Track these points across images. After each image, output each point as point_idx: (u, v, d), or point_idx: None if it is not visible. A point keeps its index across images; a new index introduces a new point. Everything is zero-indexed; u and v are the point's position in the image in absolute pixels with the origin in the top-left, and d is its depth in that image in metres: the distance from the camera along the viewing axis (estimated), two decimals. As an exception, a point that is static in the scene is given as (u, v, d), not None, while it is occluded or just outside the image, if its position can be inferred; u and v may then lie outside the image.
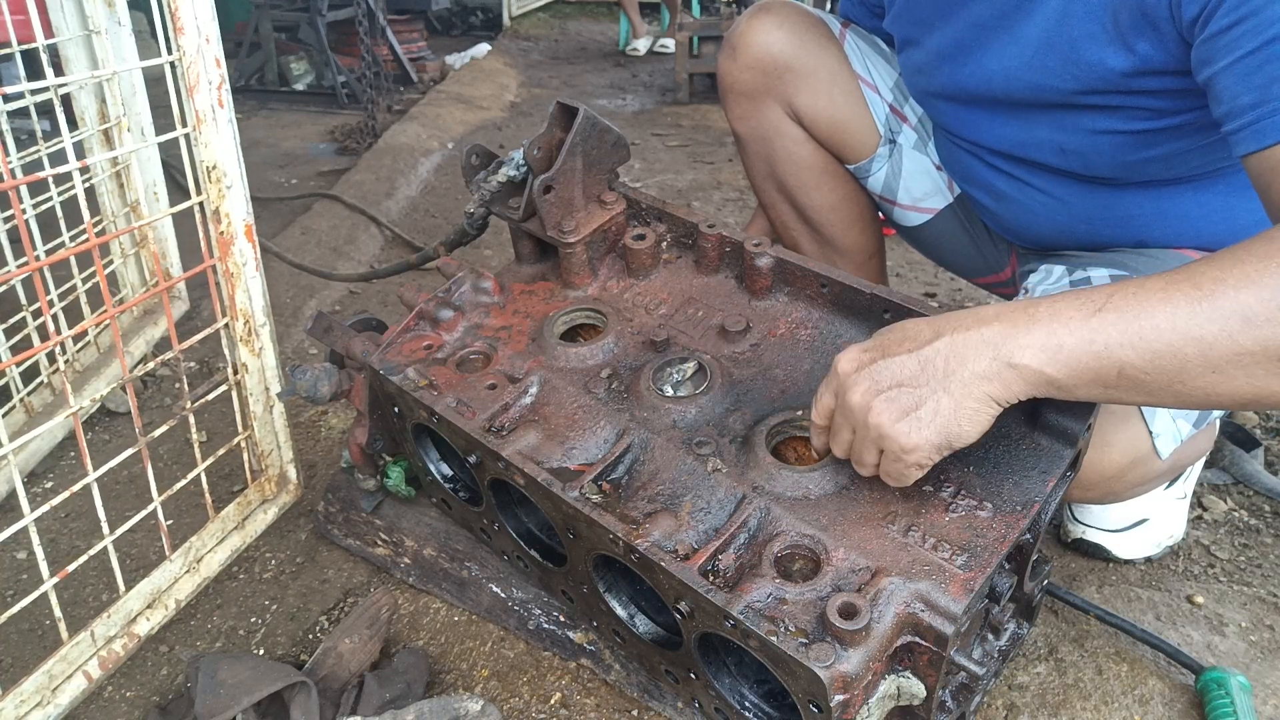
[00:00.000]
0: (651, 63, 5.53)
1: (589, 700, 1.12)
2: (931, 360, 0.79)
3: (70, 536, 1.41)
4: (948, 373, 0.79)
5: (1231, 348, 0.72)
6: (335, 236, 2.58)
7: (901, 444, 0.80)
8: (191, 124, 1.11)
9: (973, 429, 0.80)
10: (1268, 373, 0.73)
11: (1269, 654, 1.19)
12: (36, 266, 0.97)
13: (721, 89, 1.49)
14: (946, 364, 0.79)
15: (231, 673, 1.04)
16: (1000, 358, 0.77)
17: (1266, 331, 0.71)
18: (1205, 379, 0.74)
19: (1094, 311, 0.76)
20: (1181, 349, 0.73)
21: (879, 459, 0.84)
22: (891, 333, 0.84)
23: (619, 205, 1.21)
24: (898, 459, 0.82)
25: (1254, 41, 0.79)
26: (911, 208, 1.48)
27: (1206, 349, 0.73)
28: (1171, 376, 0.75)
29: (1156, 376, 0.75)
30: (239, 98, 4.29)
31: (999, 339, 0.78)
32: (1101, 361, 0.75)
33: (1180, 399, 0.77)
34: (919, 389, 0.80)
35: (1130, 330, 0.74)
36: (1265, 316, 0.71)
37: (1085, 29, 0.99)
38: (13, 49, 1.43)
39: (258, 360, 1.29)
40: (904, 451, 0.81)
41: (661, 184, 3.17)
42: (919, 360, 0.80)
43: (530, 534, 1.14)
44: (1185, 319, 0.73)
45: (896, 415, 0.80)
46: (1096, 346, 0.75)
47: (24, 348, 1.56)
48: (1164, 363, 0.74)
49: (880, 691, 0.80)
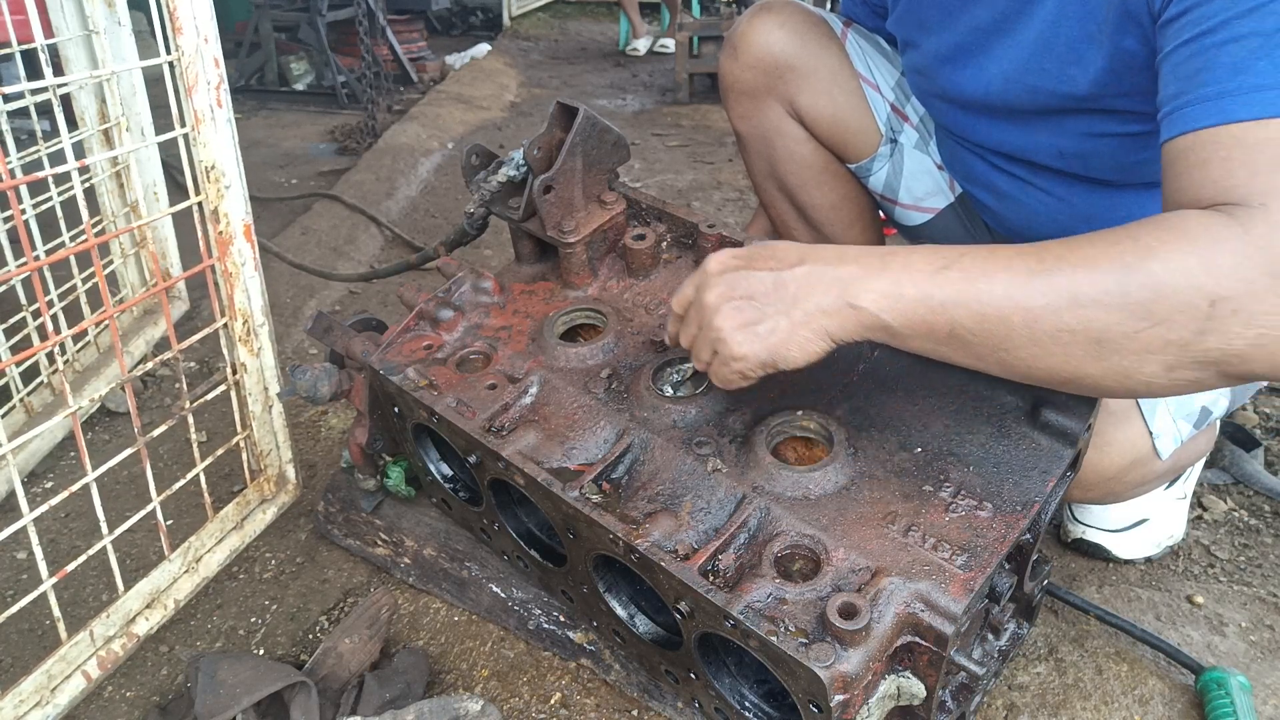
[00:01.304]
0: (651, 63, 5.53)
1: (589, 700, 1.12)
2: (786, 283, 0.84)
3: (70, 536, 1.41)
4: (795, 299, 0.83)
5: (1054, 323, 0.74)
6: (335, 236, 2.58)
7: (732, 351, 0.85)
8: (190, 124, 1.11)
9: (800, 355, 0.84)
10: (1085, 354, 0.74)
11: (1269, 654, 1.19)
12: (36, 266, 0.97)
13: (723, 88, 1.49)
14: (797, 290, 0.83)
15: (231, 673, 1.03)
16: (844, 296, 0.81)
17: (1089, 313, 0.73)
18: (1027, 350, 0.76)
19: (941, 268, 0.78)
20: (1009, 316, 0.75)
21: (712, 359, 0.89)
22: (765, 248, 0.88)
23: (619, 205, 1.21)
24: (726, 363, 0.87)
25: (1191, 32, 0.80)
26: (913, 207, 1.48)
27: (1032, 320, 0.75)
28: (997, 342, 0.77)
29: (984, 339, 0.77)
30: (239, 98, 4.29)
31: (849, 279, 0.81)
32: (936, 316, 0.78)
33: (1005, 367, 0.79)
34: (765, 306, 0.84)
35: (967, 291, 0.77)
36: (1091, 299, 0.73)
37: (1081, 29, 0.99)
38: (13, 49, 1.43)
39: (256, 360, 1.29)
40: (732, 358, 0.86)
41: (661, 184, 3.17)
42: (775, 280, 0.84)
43: (530, 534, 1.14)
44: (1018, 288, 0.75)
45: (737, 324, 0.85)
46: (933, 301, 0.78)
47: (24, 348, 1.56)
48: (991, 327, 0.76)
49: (880, 691, 0.80)
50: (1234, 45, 0.76)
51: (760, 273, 0.85)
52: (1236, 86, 0.74)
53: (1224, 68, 0.76)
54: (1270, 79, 0.73)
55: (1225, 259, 0.70)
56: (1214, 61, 0.77)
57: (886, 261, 0.81)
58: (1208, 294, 0.70)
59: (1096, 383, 0.77)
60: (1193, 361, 0.72)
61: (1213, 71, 0.76)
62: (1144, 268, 0.71)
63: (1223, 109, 0.75)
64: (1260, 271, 0.69)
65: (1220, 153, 0.74)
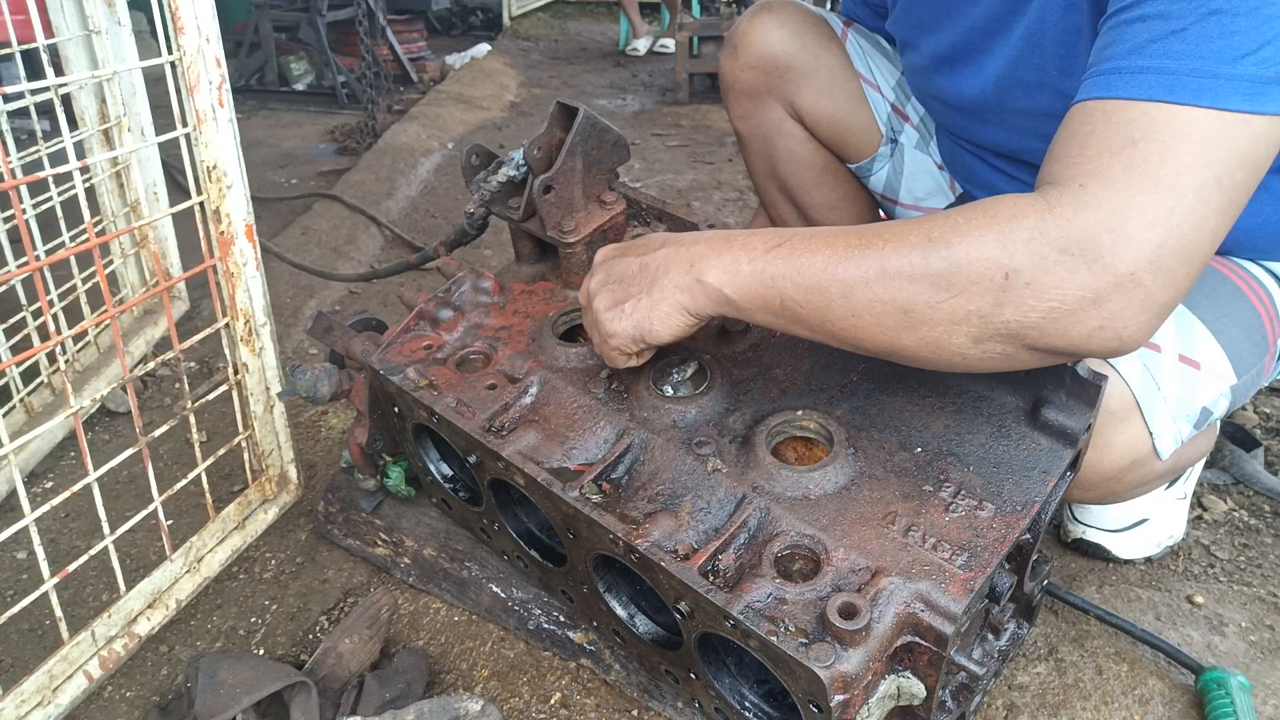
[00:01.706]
0: (651, 63, 5.53)
1: (589, 700, 1.12)
2: (648, 265, 0.91)
3: (70, 536, 1.41)
4: (655, 278, 0.90)
5: (867, 295, 0.78)
6: (335, 236, 2.58)
7: (604, 329, 0.93)
8: (192, 124, 1.11)
9: (664, 330, 0.90)
10: (896, 324, 0.78)
11: (1269, 654, 1.19)
12: (36, 266, 0.97)
13: (723, 88, 1.49)
14: (656, 271, 0.90)
15: (231, 673, 1.04)
16: (693, 274, 0.87)
17: (895, 284, 0.77)
18: (848, 321, 0.80)
19: (774, 245, 0.83)
20: (827, 288, 0.80)
21: (594, 337, 0.97)
22: (641, 239, 0.97)
23: (619, 205, 1.21)
24: (603, 341, 0.95)
25: (1114, 7, 0.81)
26: (913, 207, 1.48)
27: (847, 291, 0.79)
28: (822, 314, 0.81)
29: (810, 312, 0.82)
30: (239, 98, 4.29)
31: (698, 258, 0.87)
32: (768, 290, 0.83)
33: (834, 338, 0.83)
34: (629, 287, 0.92)
35: (792, 265, 0.81)
36: (898, 271, 0.76)
37: (1068, 21, 0.99)
38: (13, 49, 1.43)
39: (258, 360, 1.29)
40: (607, 335, 0.93)
41: (661, 184, 3.17)
42: (640, 264, 0.92)
43: (530, 534, 1.14)
44: (836, 262, 0.79)
45: (608, 305, 0.93)
46: (765, 276, 0.83)
47: (24, 348, 1.56)
48: (814, 299, 0.81)
49: (880, 691, 0.80)
50: (1139, 24, 0.77)
51: (629, 259, 0.93)
52: (1128, 65, 0.76)
53: (1124, 44, 0.77)
54: (1157, 63, 0.74)
55: (1021, 234, 0.73)
56: (1120, 37, 0.78)
57: (730, 241, 0.87)
58: (1001, 266, 0.73)
59: (914, 353, 0.80)
60: (996, 334, 0.76)
61: (1115, 47, 0.78)
62: (945, 240, 0.75)
63: (1108, 84, 0.77)
64: (1052, 247, 0.72)
65: (1085, 126, 0.77)
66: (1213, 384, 1.07)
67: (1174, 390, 1.05)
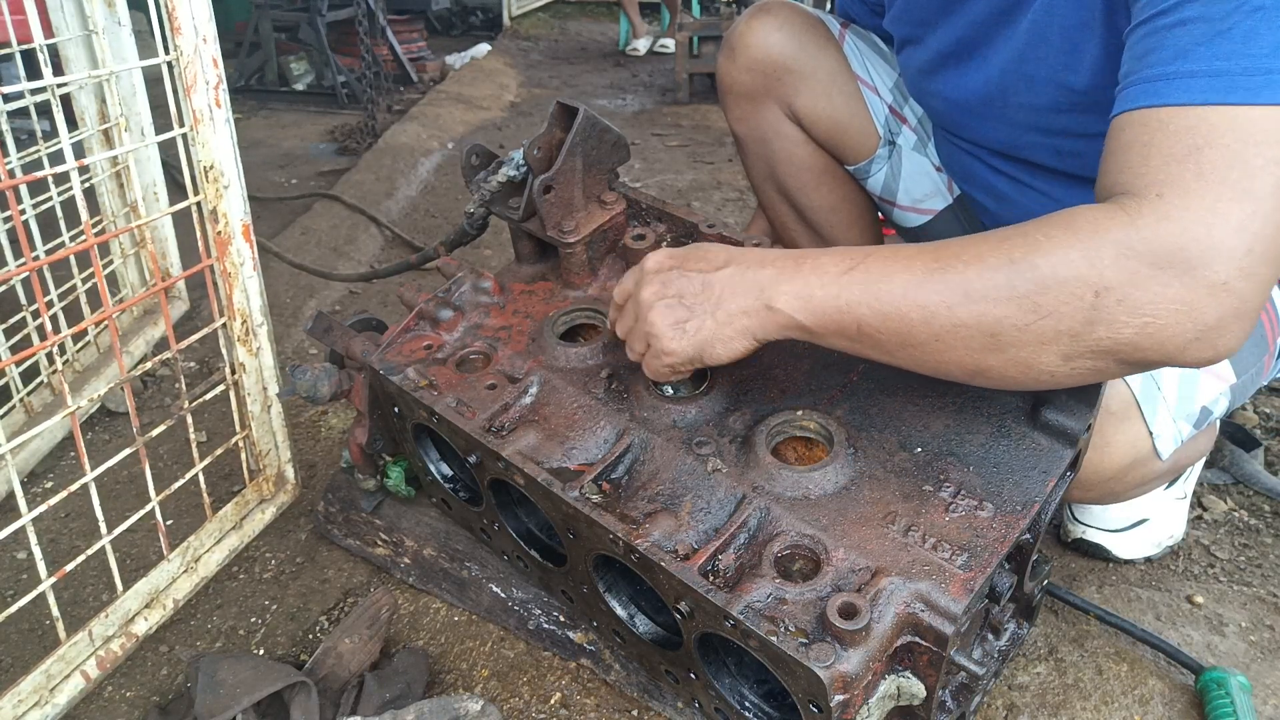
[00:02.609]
0: (651, 63, 5.53)
1: (589, 700, 1.12)
2: (712, 285, 0.89)
3: (69, 536, 1.41)
4: (720, 300, 0.88)
5: (950, 319, 0.76)
6: (335, 236, 2.58)
7: (664, 346, 0.90)
8: (189, 124, 1.11)
9: (725, 353, 0.89)
10: (983, 347, 0.76)
11: (1269, 654, 1.19)
12: (36, 266, 0.97)
13: (721, 90, 1.49)
14: (721, 292, 0.88)
15: (231, 673, 1.03)
16: (762, 299, 0.85)
17: (981, 308, 0.75)
18: (930, 345, 0.79)
19: (847, 269, 0.82)
20: (908, 314, 0.78)
21: (645, 351, 0.94)
22: (697, 249, 0.93)
23: (619, 205, 1.21)
24: (657, 357, 0.92)
25: (1147, 12, 0.80)
26: (911, 209, 1.48)
27: (929, 316, 0.77)
28: (901, 339, 0.80)
29: (889, 337, 0.80)
30: (239, 98, 4.29)
31: (767, 282, 0.85)
32: (844, 316, 0.81)
33: (915, 362, 0.82)
34: (693, 307, 0.89)
35: (869, 291, 0.80)
36: (982, 294, 0.75)
37: (1075, 16, 0.98)
38: (12, 49, 1.43)
39: (255, 360, 1.29)
40: (664, 353, 0.91)
41: (661, 184, 3.17)
42: (703, 282, 0.89)
43: (530, 534, 1.14)
44: (915, 286, 0.78)
45: (669, 322, 0.90)
46: (840, 301, 0.81)
47: (24, 348, 1.56)
48: (893, 325, 0.79)
49: (880, 691, 0.80)
50: (1181, 29, 0.76)
51: (691, 274, 0.90)
52: (1175, 70, 0.75)
53: (1168, 50, 0.76)
54: (1206, 66, 0.73)
55: (1108, 250, 0.72)
56: (1160, 43, 0.77)
57: (800, 264, 0.85)
58: (1091, 285, 0.72)
59: (1000, 374, 0.79)
60: (1087, 351, 0.74)
61: (1158, 53, 0.77)
62: (1029, 261, 0.74)
63: (1157, 91, 0.76)
64: (1141, 261, 0.71)
65: (1143, 136, 0.76)
66: (1212, 383, 1.07)
67: (1173, 390, 1.05)
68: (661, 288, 0.91)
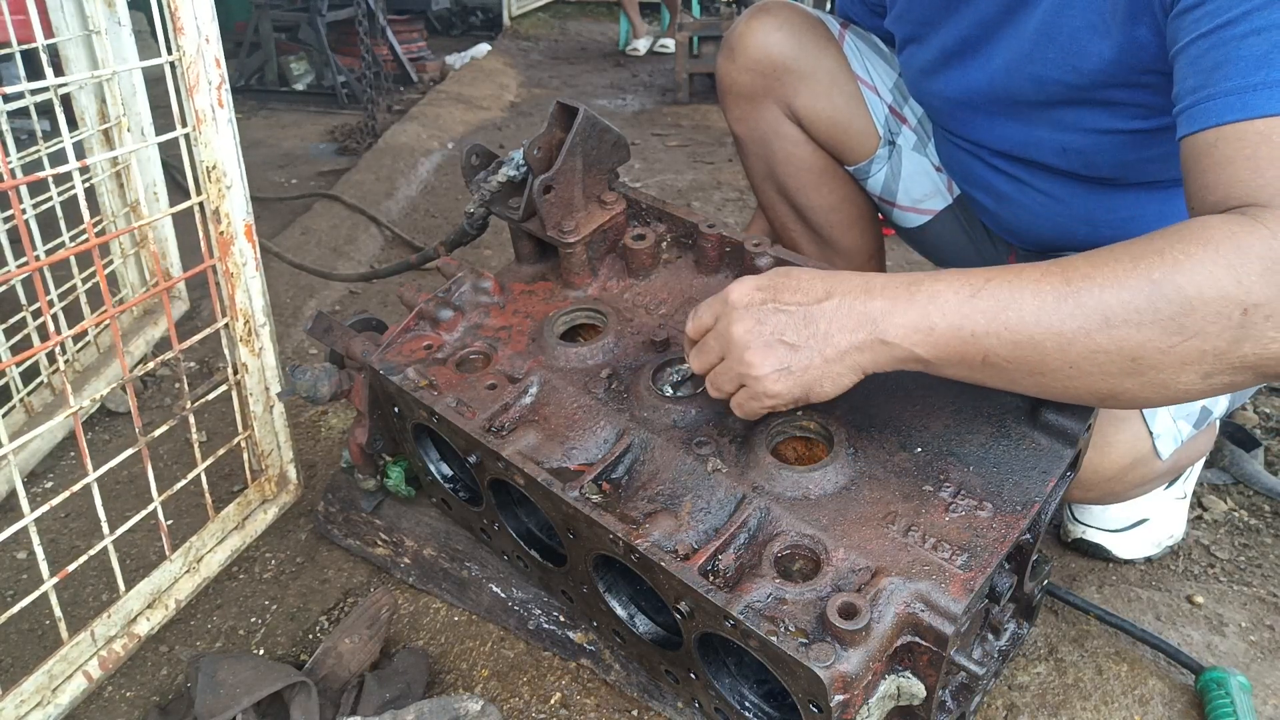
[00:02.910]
0: (651, 63, 5.53)
1: (589, 700, 1.12)
2: (816, 319, 0.82)
3: (70, 536, 1.41)
4: (826, 336, 0.82)
5: (1088, 345, 0.74)
6: (335, 236, 2.58)
7: (767, 389, 0.84)
8: (191, 124, 1.11)
9: (833, 390, 0.84)
10: (1121, 371, 0.74)
11: (1269, 654, 1.19)
12: (36, 266, 0.97)
13: (720, 90, 1.49)
14: (828, 327, 0.82)
15: (231, 673, 1.04)
16: (876, 333, 0.80)
17: (1122, 333, 0.72)
18: (1063, 372, 0.76)
19: (968, 297, 0.77)
20: (1042, 342, 0.75)
21: (737, 390, 0.88)
22: (787, 278, 0.85)
23: (619, 205, 1.21)
24: (756, 398, 0.86)
25: (1209, 24, 0.79)
26: (911, 209, 1.48)
27: (1065, 344, 0.74)
28: (1031, 367, 0.77)
29: (1018, 365, 0.77)
30: (239, 98, 4.29)
31: (878, 314, 0.80)
32: (968, 346, 0.77)
33: (1041, 389, 0.79)
34: (797, 347, 0.83)
35: (997, 320, 0.76)
36: (1123, 318, 0.72)
37: (1085, 18, 0.98)
38: (13, 49, 1.43)
39: (258, 360, 1.29)
40: (766, 395, 0.85)
41: (661, 184, 3.17)
42: (805, 316, 0.83)
43: (530, 534, 1.14)
44: (1049, 313, 0.74)
45: (772, 364, 0.83)
46: (964, 333, 0.77)
47: (24, 348, 1.56)
48: (1025, 354, 0.76)
49: (880, 691, 0.80)
50: (1255, 38, 0.75)
51: (789, 309, 0.83)
52: (1260, 80, 0.74)
53: (1247, 60, 0.75)
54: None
55: (1253, 265, 0.70)
56: (1235, 54, 0.76)
57: (914, 292, 0.79)
58: (1239, 303, 0.70)
59: (1134, 396, 0.77)
60: (1229, 368, 0.73)
61: (1235, 65, 0.76)
62: (1171, 282, 0.71)
63: (1246, 103, 0.75)
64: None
65: (1245, 150, 0.74)
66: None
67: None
68: (756, 325, 0.84)
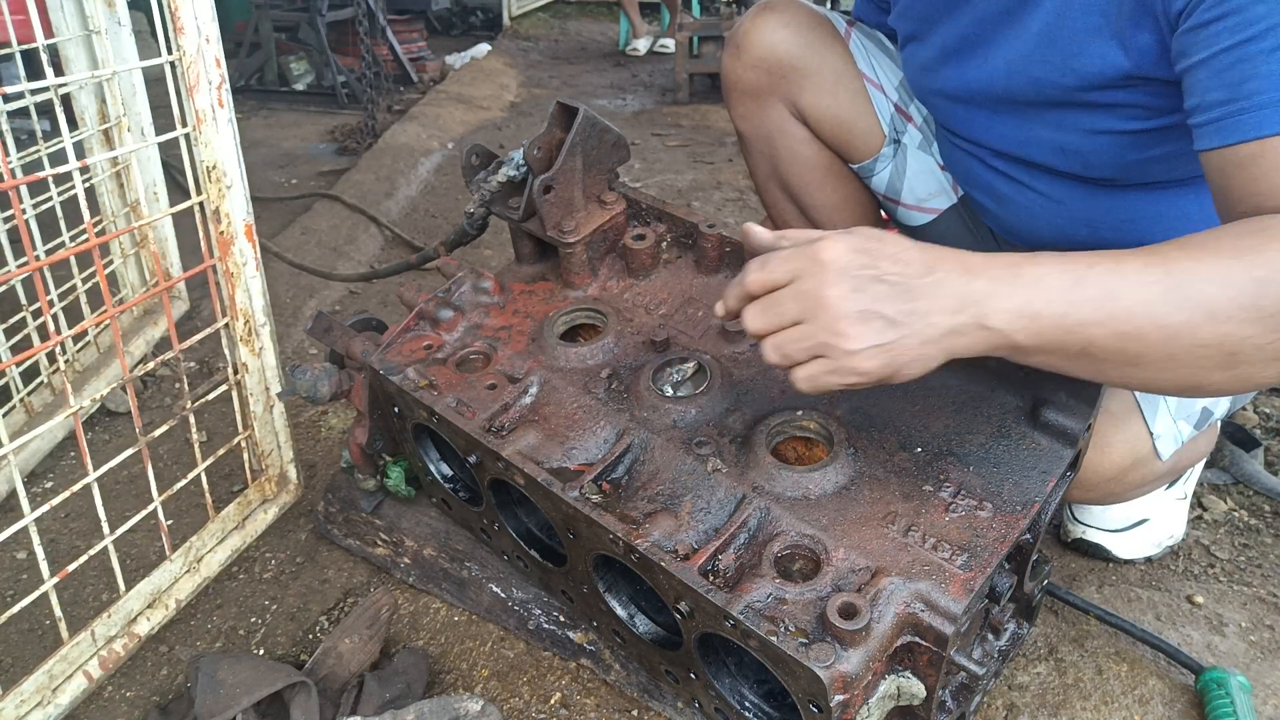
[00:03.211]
0: (651, 63, 5.53)
1: (589, 700, 1.12)
2: (918, 295, 0.76)
3: (70, 536, 1.41)
4: (927, 315, 0.76)
5: (1193, 339, 0.73)
6: (335, 236, 2.58)
7: (856, 365, 0.76)
8: (191, 124, 1.11)
9: (918, 373, 0.78)
10: (1216, 365, 0.74)
11: (1269, 654, 1.19)
12: (36, 266, 0.97)
13: (725, 88, 1.48)
14: (930, 306, 0.76)
15: (231, 673, 1.04)
16: (976, 317, 0.76)
17: (1227, 329, 0.72)
18: (1160, 365, 0.75)
19: (1073, 284, 0.75)
20: (1147, 334, 0.74)
21: (809, 360, 0.79)
22: (883, 244, 0.78)
23: (619, 205, 1.21)
24: (839, 373, 0.78)
25: (1231, 39, 0.80)
26: (916, 208, 1.48)
27: (1169, 337, 0.74)
28: (1130, 358, 0.76)
29: (1116, 356, 0.76)
30: (239, 98, 4.29)
31: (981, 297, 0.76)
32: (1070, 336, 0.75)
33: (1127, 380, 0.79)
34: (897, 324, 0.76)
35: (1104, 309, 0.74)
36: (1229, 315, 0.72)
37: (1086, 21, 0.98)
38: (13, 49, 1.43)
39: (258, 360, 1.29)
40: (854, 372, 0.77)
41: (661, 184, 3.17)
42: (907, 291, 0.76)
43: (530, 534, 1.14)
44: (1157, 306, 0.73)
45: (869, 339, 0.76)
46: (1069, 321, 0.75)
47: (24, 348, 1.56)
48: (1128, 345, 0.75)
49: (880, 691, 0.80)
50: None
51: (890, 279, 0.76)
52: None
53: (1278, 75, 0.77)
54: None
55: None
56: (1264, 68, 0.78)
57: (1017, 275, 0.76)
58: None
59: (1218, 387, 0.77)
60: None
61: (1268, 78, 0.78)
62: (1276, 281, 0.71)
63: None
64: None
65: None
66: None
67: (1175, 391, 1.04)
68: (854, 292, 0.76)
